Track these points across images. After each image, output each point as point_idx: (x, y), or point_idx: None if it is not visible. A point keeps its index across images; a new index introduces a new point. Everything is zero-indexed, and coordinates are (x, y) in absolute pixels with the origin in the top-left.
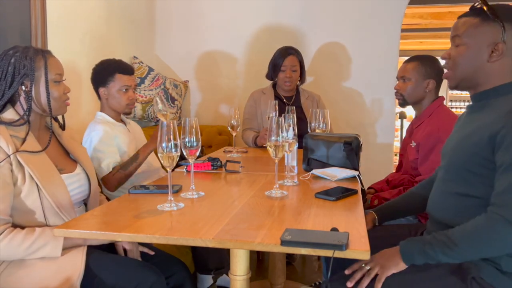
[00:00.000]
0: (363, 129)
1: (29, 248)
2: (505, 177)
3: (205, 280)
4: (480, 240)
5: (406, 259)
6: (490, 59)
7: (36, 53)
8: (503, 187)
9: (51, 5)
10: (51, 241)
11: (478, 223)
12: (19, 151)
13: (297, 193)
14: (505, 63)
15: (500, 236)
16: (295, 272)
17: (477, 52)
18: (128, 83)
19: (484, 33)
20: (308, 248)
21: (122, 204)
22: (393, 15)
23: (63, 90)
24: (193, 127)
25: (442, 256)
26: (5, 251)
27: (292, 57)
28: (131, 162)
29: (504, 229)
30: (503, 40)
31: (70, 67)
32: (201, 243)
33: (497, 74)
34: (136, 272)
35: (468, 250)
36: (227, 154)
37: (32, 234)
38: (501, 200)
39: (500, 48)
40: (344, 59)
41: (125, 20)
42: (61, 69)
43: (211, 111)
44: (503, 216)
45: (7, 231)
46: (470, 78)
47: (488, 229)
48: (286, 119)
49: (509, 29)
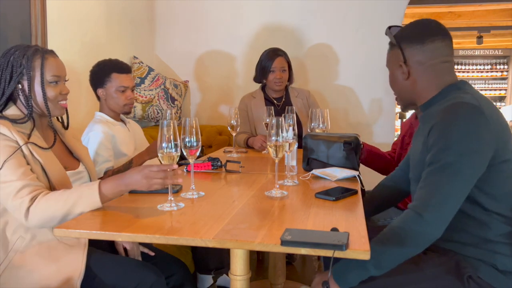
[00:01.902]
0: (363, 129)
1: (67, 203)
2: (425, 175)
3: (205, 280)
4: (398, 240)
5: (341, 283)
6: (404, 78)
7: (35, 53)
8: (421, 184)
9: (51, 5)
10: (88, 192)
11: (393, 224)
12: (29, 142)
13: (297, 193)
14: (421, 77)
15: (410, 230)
16: (295, 272)
17: (394, 76)
18: (125, 83)
19: (391, 58)
20: (308, 248)
21: (122, 204)
22: (393, 15)
23: (60, 91)
24: (193, 127)
25: (372, 269)
26: (43, 211)
27: (281, 58)
28: (124, 170)
29: (413, 221)
30: (404, 60)
31: (70, 67)
32: (201, 243)
33: (422, 89)
34: (136, 272)
35: (390, 254)
36: (227, 154)
37: (67, 190)
38: (418, 196)
39: (404, 68)
40: (344, 59)
41: (125, 20)
42: (59, 71)
43: (211, 111)
44: (414, 210)
45: (42, 192)
46: (404, 97)
47: (400, 226)
48: (286, 119)
49: (405, 49)
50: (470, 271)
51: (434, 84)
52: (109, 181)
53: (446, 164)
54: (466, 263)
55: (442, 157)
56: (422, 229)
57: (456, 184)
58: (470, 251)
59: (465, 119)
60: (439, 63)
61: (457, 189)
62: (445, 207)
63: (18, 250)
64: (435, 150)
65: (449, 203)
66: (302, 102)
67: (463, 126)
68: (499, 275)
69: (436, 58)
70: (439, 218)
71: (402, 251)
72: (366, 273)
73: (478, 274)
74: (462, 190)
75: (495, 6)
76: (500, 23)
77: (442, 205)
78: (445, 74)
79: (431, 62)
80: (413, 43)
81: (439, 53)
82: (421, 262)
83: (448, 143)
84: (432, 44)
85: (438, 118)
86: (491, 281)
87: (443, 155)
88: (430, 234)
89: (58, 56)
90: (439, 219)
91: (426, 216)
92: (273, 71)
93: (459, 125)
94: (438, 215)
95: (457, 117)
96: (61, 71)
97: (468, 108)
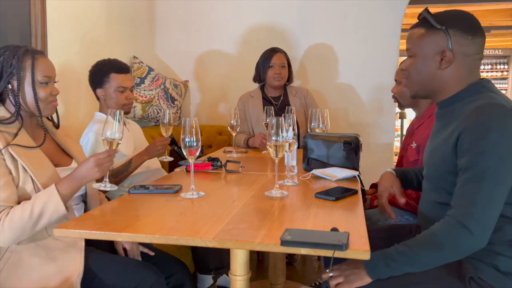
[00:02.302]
0: (363, 129)
1: (32, 215)
2: (462, 181)
3: (205, 280)
4: (436, 246)
5: (371, 273)
6: (441, 66)
7: (25, 53)
8: (461, 190)
9: (51, 5)
10: (49, 199)
11: (435, 228)
12: (10, 145)
13: (297, 193)
14: (457, 69)
15: (453, 240)
16: (295, 272)
17: (426, 61)
18: (124, 83)
19: (430, 43)
20: (308, 248)
21: (122, 204)
22: (393, 15)
23: (50, 92)
24: (193, 127)
25: (405, 267)
26: (11, 230)
27: (280, 54)
28: (123, 171)
29: (456, 231)
30: (450, 47)
31: (70, 67)
32: (201, 243)
33: (451, 81)
34: (136, 272)
35: (427, 257)
36: (227, 154)
37: (28, 202)
38: (457, 203)
39: (448, 55)
40: (344, 59)
41: (125, 20)
42: (50, 71)
43: (211, 111)
44: (456, 219)
45: (4, 212)
46: (425, 87)
47: (442, 233)
48: (286, 119)
49: (453, 36)
50: (472, 272)
51: (463, 79)
52: (64, 181)
53: (486, 169)
54: (467, 264)
55: (480, 161)
56: (466, 239)
57: (498, 191)
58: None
59: (501, 121)
60: (478, 59)
61: (499, 196)
62: (489, 216)
63: (14, 250)
64: (472, 154)
65: (493, 211)
66: (300, 102)
67: (501, 129)
68: (501, 276)
69: (478, 54)
70: (483, 226)
71: (441, 257)
72: (397, 269)
73: (479, 275)
74: (503, 196)
75: (495, 6)
76: (500, 23)
77: (484, 213)
78: (474, 70)
79: (473, 57)
80: (465, 33)
81: (481, 49)
82: None
83: (486, 147)
84: (480, 39)
85: (469, 120)
86: (493, 282)
87: (482, 160)
88: (475, 243)
89: (47, 57)
90: (483, 228)
91: (470, 227)
92: (272, 66)
93: (496, 127)
94: (481, 224)
95: (493, 120)
96: (51, 71)
97: (503, 111)
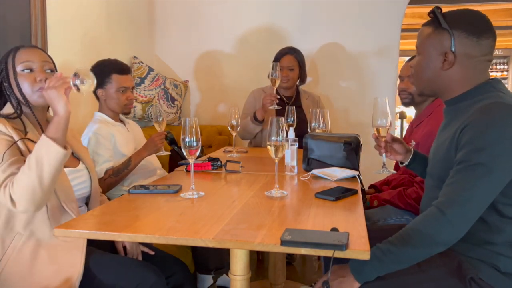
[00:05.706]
0: (363, 129)
1: (31, 166)
2: (453, 172)
3: (205, 280)
4: (419, 236)
5: (358, 277)
6: (443, 67)
7: (11, 50)
8: (448, 181)
9: (51, 5)
10: (39, 144)
11: (417, 219)
12: (24, 138)
13: (297, 193)
14: (461, 70)
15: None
16: (295, 272)
17: (430, 61)
18: (125, 84)
19: (435, 43)
20: (308, 248)
21: (122, 204)
22: (393, 15)
23: (34, 79)
24: (193, 127)
25: (391, 264)
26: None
27: (288, 56)
28: (123, 169)
29: (435, 220)
30: (452, 49)
31: (70, 67)
32: (201, 243)
33: (456, 81)
34: (137, 272)
35: (411, 251)
36: (227, 154)
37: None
38: (443, 193)
39: (449, 57)
40: (344, 59)
41: (125, 20)
42: (30, 58)
43: (211, 111)
44: (438, 207)
45: (10, 177)
46: (430, 86)
47: (422, 223)
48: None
49: (458, 37)
50: (472, 273)
51: (470, 79)
52: (49, 127)
53: (477, 164)
54: (468, 265)
55: (474, 156)
56: (443, 227)
57: (484, 185)
58: (473, 252)
59: (502, 120)
60: (484, 60)
61: (484, 190)
62: (469, 206)
63: (16, 247)
64: (468, 149)
65: (474, 203)
66: (312, 106)
67: (499, 128)
68: (501, 276)
69: (484, 55)
70: (462, 217)
71: (422, 249)
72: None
73: (480, 276)
74: (489, 192)
75: (495, 6)
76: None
77: (466, 204)
78: (482, 71)
79: (478, 59)
80: (470, 35)
81: (488, 51)
82: (423, 263)
83: (483, 144)
84: (487, 41)
85: (473, 117)
86: (493, 283)
87: (475, 155)
88: (451, 233)
89: (39, 48)
90: (462, 218)
91: (448, 213)
92: (280, 69)
93: (495, 126)
94: (461, 214)
95: (494, 118)
96: (33, 57)
97: (506, 110)
